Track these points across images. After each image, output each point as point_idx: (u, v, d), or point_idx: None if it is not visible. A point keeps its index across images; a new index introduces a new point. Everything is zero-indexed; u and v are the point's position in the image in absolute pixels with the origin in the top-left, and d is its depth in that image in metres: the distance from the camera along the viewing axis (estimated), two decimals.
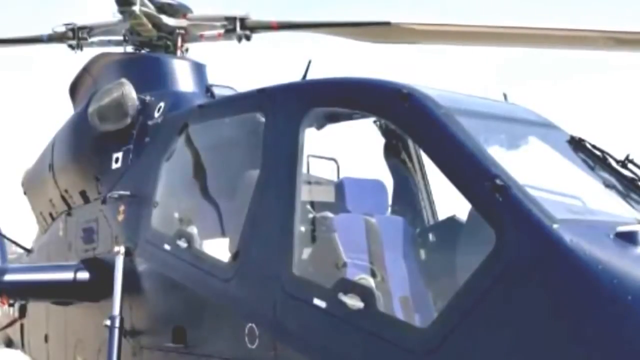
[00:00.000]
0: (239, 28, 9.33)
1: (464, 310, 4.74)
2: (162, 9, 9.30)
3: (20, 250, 11.38)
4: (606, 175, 5.93)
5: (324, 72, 6.68)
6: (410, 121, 5.57)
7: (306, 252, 6.17)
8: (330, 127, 7.01)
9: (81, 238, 8.86)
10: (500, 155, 5.21)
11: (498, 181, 4.81)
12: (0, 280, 8.44)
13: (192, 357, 6.69)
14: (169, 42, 9.48)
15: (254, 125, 6.73)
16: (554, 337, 4.39)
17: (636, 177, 5.88)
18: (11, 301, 9.44)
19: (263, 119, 6.48)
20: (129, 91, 8.24)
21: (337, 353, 5.38)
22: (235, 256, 6.27)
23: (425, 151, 5.97)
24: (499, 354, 4.60)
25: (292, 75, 6.95)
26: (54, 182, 9.65)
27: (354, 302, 5.21)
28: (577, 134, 6.28)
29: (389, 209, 7.22)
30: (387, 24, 8.78)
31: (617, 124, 20.24)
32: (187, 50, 9.67)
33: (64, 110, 10.20)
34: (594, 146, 6.10)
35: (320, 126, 6.94)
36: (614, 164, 5.97)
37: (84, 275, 8.25)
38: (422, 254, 6.93)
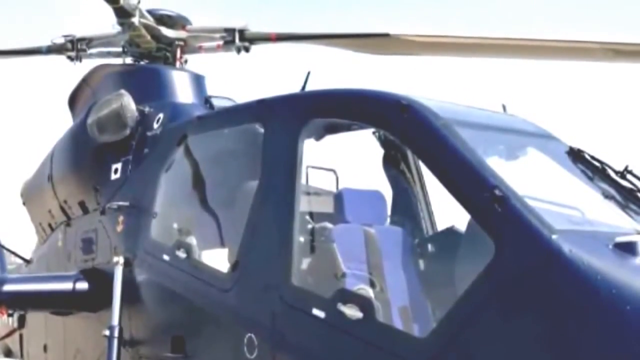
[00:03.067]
0: (238, 40, 9.34)
1: (462, 321, 4.74)
2: (162, 20, 9.31)
3: (20, 261, 11.37)
4: (605, 186, 5.93)
5: (323, 83, 6.71)
6: (409, 132, 5.58)
7: (305, 263, 6.17)
8: (330, 138, 7.02)
9: (80, 248, 8.85)
10: (499, 166, 5.21)
11: (497, 192, 4.82)
12: None
13: None
14: (168, 54, 9.48)
15: (253, 136, 6.73)
16: (553, 347, 4.40)
17: (635, 188, 5.89)
18: (10, 311, 9.42)
19: (262, 130, 6.49)
20: (128, 102, 8.25)
21: None
22: (234, 266, 6.27)
23: (424, 162, 5.99)
24: None
25: (291, 86, 6.97)
26: (53, 193, 9.65)
27: (352, 312, 5.21)
28: (576, 144, 6.30)
29: (388, 220, 7.23)
30: (386, 35, 8.77)
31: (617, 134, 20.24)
32: (186, 61, 9.68)
33: (64, 121, 10.23)
34: (592, 157, 6.11)
35: (319, 137, 6.95)
36: (612, 174, 5.98)
37: (83, 285, 8.24)
38: (421, 264, 6.93)
